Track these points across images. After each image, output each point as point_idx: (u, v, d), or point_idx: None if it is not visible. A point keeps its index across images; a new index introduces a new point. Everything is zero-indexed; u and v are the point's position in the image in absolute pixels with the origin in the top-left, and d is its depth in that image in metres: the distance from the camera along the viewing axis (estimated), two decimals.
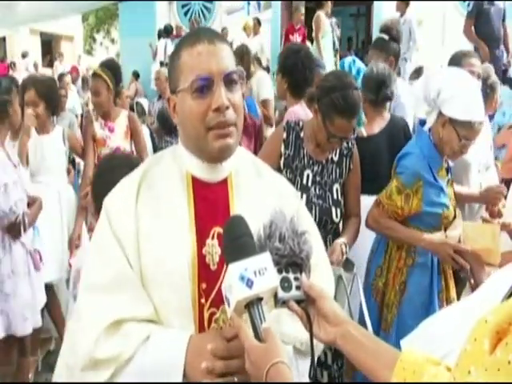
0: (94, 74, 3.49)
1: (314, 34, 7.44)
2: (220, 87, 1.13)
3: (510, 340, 0.63)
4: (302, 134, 2.25)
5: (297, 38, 8.42)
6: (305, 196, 2.20)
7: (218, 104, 1.12)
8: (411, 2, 8.24)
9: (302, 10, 8.79)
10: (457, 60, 2.89)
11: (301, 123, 2.31)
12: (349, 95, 2.10)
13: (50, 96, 3.27)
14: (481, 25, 6.21)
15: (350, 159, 2.31)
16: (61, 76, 8.66)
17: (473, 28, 6.32)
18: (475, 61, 2.88)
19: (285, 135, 2.26)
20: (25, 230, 2.59)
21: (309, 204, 2.17)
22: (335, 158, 2.28)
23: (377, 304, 2.41)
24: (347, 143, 2.30)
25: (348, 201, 2.33)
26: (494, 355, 0.63)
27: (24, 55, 15.26)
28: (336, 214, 2.23)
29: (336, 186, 2.27)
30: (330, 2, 7.97)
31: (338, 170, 2.28)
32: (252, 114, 4.02)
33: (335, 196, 2.25)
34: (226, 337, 1.08)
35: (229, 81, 1.15)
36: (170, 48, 9.61)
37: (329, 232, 2.27)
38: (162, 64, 9.37)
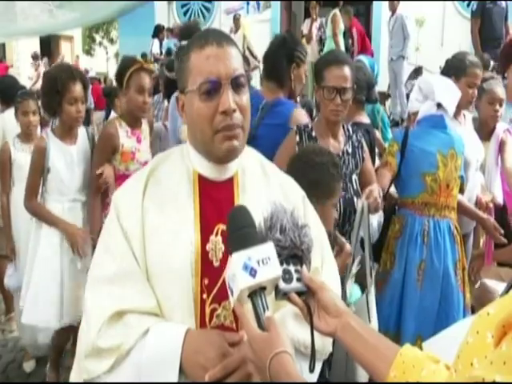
0: (141, 68, 2.70)
1: (331, 31, 8.31)
2: (227, 90, 1.14)
3: None
4: (313, 134, 2.30)
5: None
6: None
7: (224, 107, 1.13)
8: (411, 2, 8.26)
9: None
10: (462, 66, 2.90)
11: (309, 125, 2.36)
12: (337, 51, 2.46)
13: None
14: (483, 24, 6.22)
15: (361, 150, 2.39)
16: None
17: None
18: (479, 72, 2.90)
19: (298, 138, 2.29)
20: None
21: None
22: (349, 150, 2.34)
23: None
24: (356, 135, 2.39)
25: (366, 185, 2.39)
26: (499, 348, 0.63)
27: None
28: (357, 204, 2.25)
29: (354, 177, 2.33)
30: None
31: (353, 161, 2.34)
32: None
33: (355, 186, 2.31)
34: (228, 341, 1.10)
35: (236, 84, 1.15)
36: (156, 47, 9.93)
37: (350, 226, 2.28)
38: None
